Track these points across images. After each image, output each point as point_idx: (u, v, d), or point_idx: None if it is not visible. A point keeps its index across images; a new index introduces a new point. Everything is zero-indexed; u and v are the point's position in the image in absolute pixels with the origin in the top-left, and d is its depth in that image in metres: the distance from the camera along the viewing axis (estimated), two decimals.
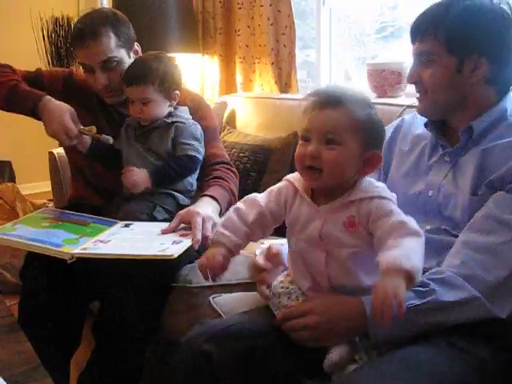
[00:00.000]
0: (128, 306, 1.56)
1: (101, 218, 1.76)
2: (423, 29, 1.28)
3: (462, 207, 1.23)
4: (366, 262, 1.11)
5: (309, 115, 1.12)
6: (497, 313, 1.11)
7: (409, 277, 0.98)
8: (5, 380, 1.08)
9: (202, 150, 1.83)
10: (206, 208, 1.68)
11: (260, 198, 1.21)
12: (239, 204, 1.22)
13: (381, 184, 1.16)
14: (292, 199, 1.18)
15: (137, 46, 1.92)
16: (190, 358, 1.17)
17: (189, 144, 1.78)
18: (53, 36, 4.34)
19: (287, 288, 1.20)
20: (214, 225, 1.61)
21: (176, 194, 1.80)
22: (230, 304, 1.48)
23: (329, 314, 1.13)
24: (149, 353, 1.71)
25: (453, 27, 1.24)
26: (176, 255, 1.46)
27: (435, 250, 1.21)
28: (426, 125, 1.37)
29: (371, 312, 1.00)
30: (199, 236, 1.56)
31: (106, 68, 1.82)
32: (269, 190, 1.22)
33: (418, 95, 1.34)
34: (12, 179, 4.95)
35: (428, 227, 1.26)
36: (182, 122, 1.81)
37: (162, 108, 1.80)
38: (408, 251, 1.01)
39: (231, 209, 1.22)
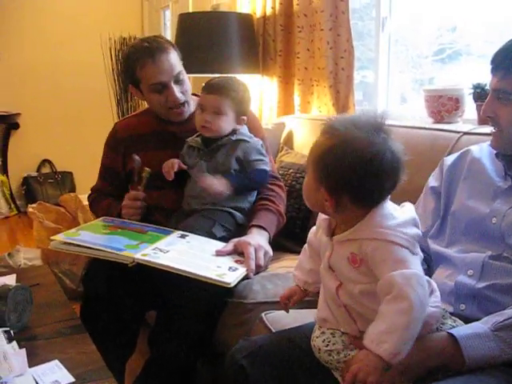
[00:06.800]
0: (183, 317, 1.61)
1: (157, 226, 1.83)
2: (506, 66, 1.23)
3: None
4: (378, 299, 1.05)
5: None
6: None
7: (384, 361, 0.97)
8: (74, 377, 1.15)
9: (269, 164, 1.93)
10: (256, 238, 1.75)
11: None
12: (306, 245, 1.31)
13: (399, 220, 1.07)
14: (321, 232, 1.22)
15: None
16: (230, 371, 1.22)
17: (258, 160, 1.86)
18: (119, 55, 4.54)
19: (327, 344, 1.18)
20: (266, 253, 1.72)
21: (234, 212, 1.85)
22: (281, 321, 1.48)
23: None
24: (200, 364, 1.75)
25: None
26: (233, 284, 1.52)
27: (494, 275, 1.22)
28: (497, 155, 1.36)
29: None
30: (253, 266, 1.64)
31: (177, 82, 1.91)
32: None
33: (493, 130, 1.33)
34: (73, 189, 5.16)
35: (489, 253, 1.26)
36: (246, 141, 1.87)
37: (229, 126, 1.85)
38: (390, 328, 0.98)
39: (302, 250, 1.33)
